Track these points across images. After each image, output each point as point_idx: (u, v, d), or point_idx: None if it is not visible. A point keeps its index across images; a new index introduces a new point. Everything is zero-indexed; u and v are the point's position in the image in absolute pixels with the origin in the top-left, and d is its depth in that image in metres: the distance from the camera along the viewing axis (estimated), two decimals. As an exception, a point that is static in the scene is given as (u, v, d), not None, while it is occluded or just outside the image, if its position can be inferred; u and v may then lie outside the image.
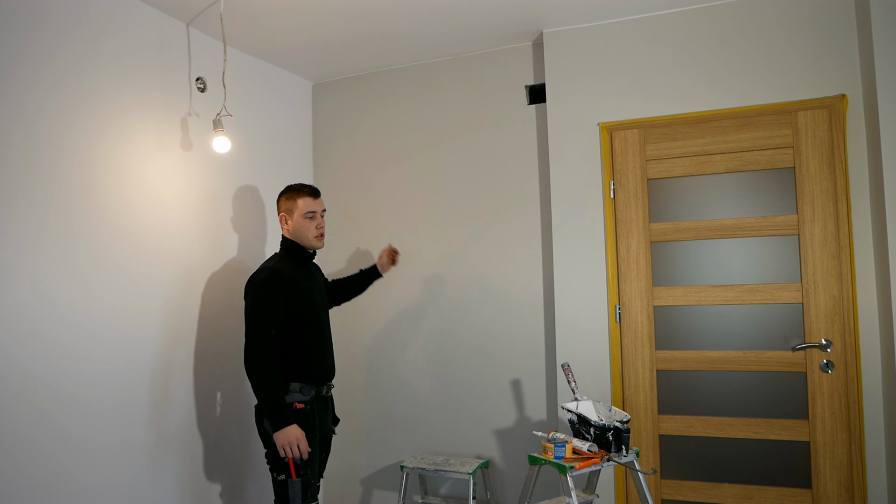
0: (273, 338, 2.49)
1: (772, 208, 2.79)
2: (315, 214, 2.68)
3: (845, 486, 2.65)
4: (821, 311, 2.70)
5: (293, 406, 2.52)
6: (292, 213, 2.67)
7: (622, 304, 2.98)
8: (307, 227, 2.66)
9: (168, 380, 2.78)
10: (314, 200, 2.68)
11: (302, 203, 2.66)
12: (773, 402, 2.77)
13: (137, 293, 2.65)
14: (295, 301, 2.57)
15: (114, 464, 2.51)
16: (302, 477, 2.50)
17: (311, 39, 3.19)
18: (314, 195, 2.70)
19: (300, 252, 2.70)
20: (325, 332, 2.72)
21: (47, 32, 2.33)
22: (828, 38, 2.72)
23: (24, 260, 2.23)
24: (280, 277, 2.55)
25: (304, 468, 2.50)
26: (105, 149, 2.54)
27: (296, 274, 2.63)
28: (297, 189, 2.70)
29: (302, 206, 2.65)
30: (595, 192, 3.05)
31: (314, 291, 2.70)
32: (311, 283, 2.71)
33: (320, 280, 2.86)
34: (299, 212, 2.65)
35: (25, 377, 2.21)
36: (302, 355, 2.59)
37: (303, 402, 2.55)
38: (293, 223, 2.67)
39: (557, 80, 3.14)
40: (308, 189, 2.70)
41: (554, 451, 2.43)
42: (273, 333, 2.49)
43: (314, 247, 2.70)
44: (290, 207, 2.68)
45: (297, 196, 2.67)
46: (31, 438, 2.22)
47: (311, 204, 2.67)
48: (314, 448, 2.55)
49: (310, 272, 2.76)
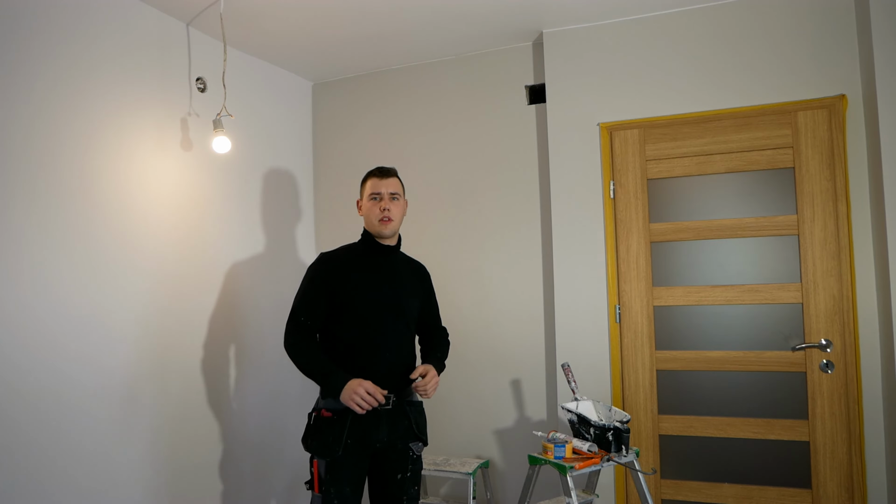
0: (302, 324, 2.32)
1: (772, 208, 2.79)
2: (381, 196, 2.39)
3: (845, 486, 2.65)
4: (821, 311, 2.70)
5: (321, 413, 2.28)
6: (363, 197, 2.45)
7: (622, 304, 2.98)
8: (371, 211, 2.39)
9: (169, 381, 2.78)
10: (381, 180, 2.41)
11: (370, 184, 2.43)
12: (772, 402, 2.77)
13: (135, 292, 2.65)
14: (342, 293, 2.33)
15: (113, 466, 2.52)
16: (322, 494, 2.25)
17: (311, 40, 3.19)
18: (383, 175, 2.43)
19: (370, 241, 2.43)
20: (378, 337, 2.34)
21: (47, 32, 2.33)
22: (828, 38, 2.72)
23: (24, 260, 2.23)
24: (328, 263, 2.38)
25: (327, 485, 2.23)
26: (105, 149, 2.54)
27: (354, 263, 2.39)
28: (369, 172, 2.49)
29: (369, 188, 2.42)
30: (595, 192, 3.05)
31: (376, 285, 2.38)
32: (377, 275, 2.40)
33: (408, 280, 2.50)
34: (367, 194, 2.42)
35: (25, 378, 2.21)
36: (342, 355, 2.32)
37: (331, 411, 2.27)
38: (363, 208, 2.44)
39: (557, 80, 3.14)
40: (378, 170, 2.46)
41: (554, 451, 2.43)
42: (302, 320, 2.32)
43: (380, 233, 2.39)
44: (362, 192, 2.47)
45: (367, 178, 2.46)
46: (33, 440, 2.22)
47: (377, 185, 2.41)
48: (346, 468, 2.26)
49: (383, 265, 2.44)
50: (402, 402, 2.35)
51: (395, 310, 2.39)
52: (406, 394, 2.38)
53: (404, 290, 2.45)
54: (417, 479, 2.42)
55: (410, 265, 2.58)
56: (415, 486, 2.40)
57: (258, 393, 3.25)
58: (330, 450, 2.24)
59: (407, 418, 2.37)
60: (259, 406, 3.25)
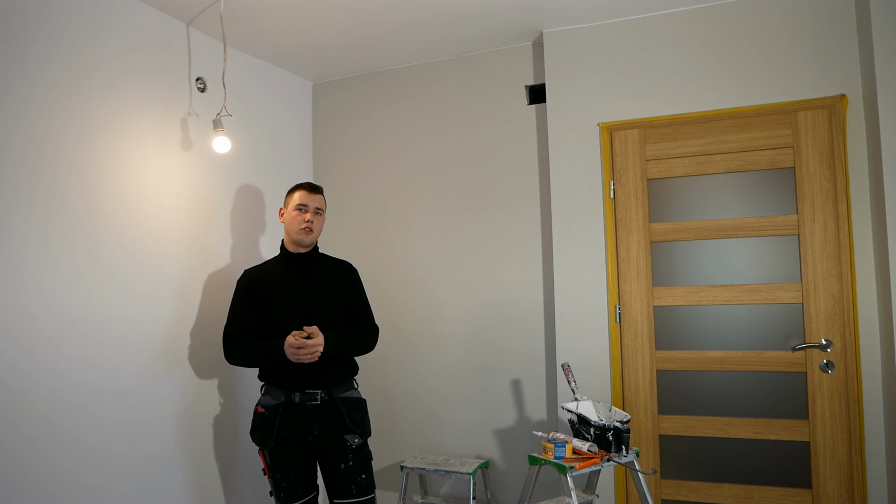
0: (229, 332, 2.60)
1: (772, 208, 2.79)
2: (307, 208, 2.61)
3: (845, 486, 2.65)
4: (821, 311, 2.70)
5: (256, 409, 2.59)
6: (287, 207, 2.65)
7: (622, 304, 2.98)
8: (294, 219, 2.61)
9: (169, 381, 2.78)
10: (309, 195, 2.64)
11: (297, 195, 2.64)
12: (773, 402, 2.77)
13: (136, 293, 2.65)
14: (264, 302, 2.60)
15: (119, 468, 2.52)
16: (271, 478, 2.57)
17: (311, 40, 3.19)
18: (312, 190, 2.66)
19: (285, 252, 2.68)
20: None
21: (47, 32, 2.33)
22: (828, 38, 2.72)
23: (23, 260, 2.23)
24: (246, 277, 2.67)
25: (272, 471, 2.56)
26: (105, 149, 2.54)
27: (271, 274, 2.64)
28: (297, 184, 2.70)
29: (296, 199, 2.63)
30: (595, 192, 3.05)
31: (291, 293, 2.59)
32: (292, 283, 2.61)
33: (326, 282, 2.67)
34: (292, 204, 2.63)
35: (25, 379, 2.21)
36: None
37: (265, 407, 2.57)
38: (285, 216, 2.65)
39: (557, 80, 3.14)
40: (307, 185, 2.68)
41: (554, 451, 2.43)
42: (229, 329, 2.61)
43: (300, 241, 2.61)
44: (287, 201, 2.67)
45: (295, 190, 2.67)
46: (34, 441, 2.22)
47: (304, 197, 2.62)
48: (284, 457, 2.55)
49: (299, 273, 2.64)
50: (332, 398, 2.57)
51: (311, 313, 2.56)
52: (339, 390, 2.60)
53: (321, 293, 2.63)
54: (365, 468, 2.60)
55: (332, 267, 2.74)
56: (362, 474, 2.59)
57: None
58: (265, 441, 2.53)
59: (339, 413, 2.56)
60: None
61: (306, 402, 2.53)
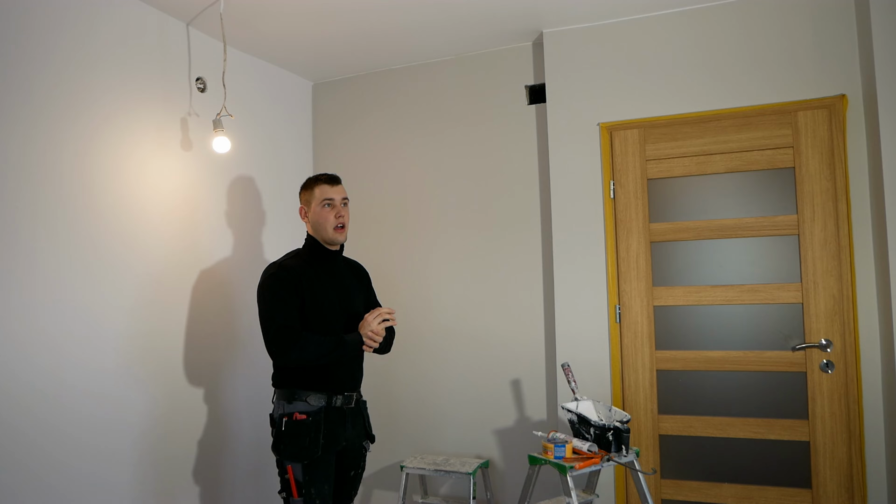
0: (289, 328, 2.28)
1: (772, 208, 2.79)
2: (334, 202, 2.43)
3: (845, 486, 2.65)
4: (821, 311, 2.70)
5: (293, 416, 2.30)
6: (310, 204, 2.45)
7: (622, 304, 2.98)
8: (325, 217, 2.41)
9: (170, 381, 2.78)
10: (332, 187, 2.45)
11: (319, 191, 2.44)
12: (772, 402, 2.77)
13: (137, 293, 2.65)
14: (308, 298, 2.35)
15: (106, 463, 2.52)
16: (304, 496, 2.28)
17: (311, 39, 3.19)
18: (332, 182, 2.47)
19: (318, 249, 2.46)
20: None
21: (47, 32, 2.33)
22: (828, 38, 2.72)
23: (23, 260, 2.23)
24: (288, 272, 2.35)
25: (306, 487, 2.27)
26: (105, 149, 2.54)
27: (309, 271, 2.40)
28: (314, 178, 2.50)
29: (318, 195, 2.43)
30: (595, 192, 3.05)
31: (334, 291, 2.43)
32: (331, 281, 2.45)
33: (352, 282, 2.56)
34: (316, 201, 2.43)
35: (21, 378, 2.22)
36: None
37: (305, 413, 2.30)
38: (311, 215, 2.45)
39: (557, 80, 3.14)
40: (325, 176, 2.49)
41: (554, 451, 2.43)
42: (286, 325, 2.29)
43: (334, 240, 2.44)
44: (307, 198, 2.47)
45: (314, 184, 2.47)
46: (35, 442, 2.22)
47: (328, 191, 2.43)
48: (322, 467, 2.31)
49: (333, 271, 2.48)
50: (359, 400, 2.47)
51: (348, 311, 2.46)
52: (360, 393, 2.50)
53: (351, 291, 2.52)
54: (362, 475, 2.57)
55: (351, 267, 2.63)
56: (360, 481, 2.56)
57: (253, 392, 3.24)
58: (308, 452, 2.28)
59: (362, 416, 2.49)
60: (253, 405, 3.24)
61: (345, 405, 2.38)
